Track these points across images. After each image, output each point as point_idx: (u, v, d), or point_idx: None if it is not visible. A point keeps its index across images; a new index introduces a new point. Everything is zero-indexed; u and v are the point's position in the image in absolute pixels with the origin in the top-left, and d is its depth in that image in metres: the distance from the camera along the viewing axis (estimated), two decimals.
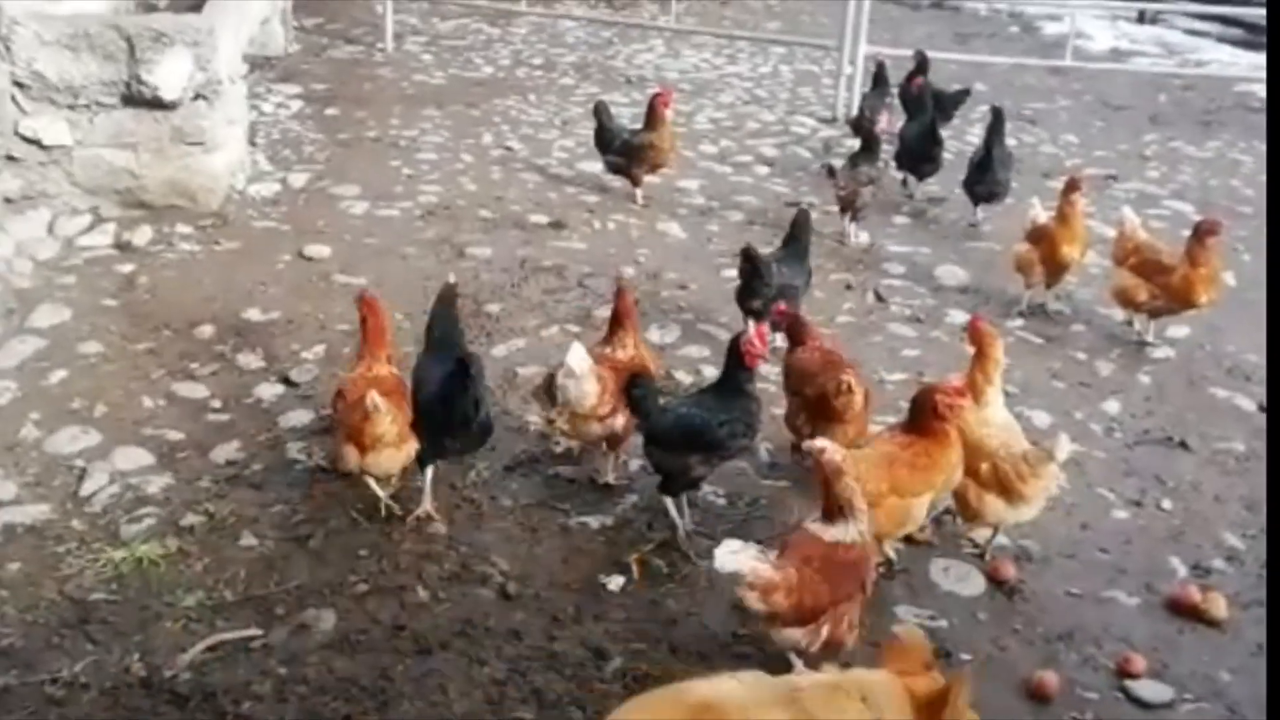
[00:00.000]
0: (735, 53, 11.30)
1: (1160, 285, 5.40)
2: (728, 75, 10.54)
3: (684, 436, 3.92)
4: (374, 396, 3.85)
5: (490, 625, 3.59)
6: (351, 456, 3.98)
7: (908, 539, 4.05)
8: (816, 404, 4.26)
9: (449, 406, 3.94)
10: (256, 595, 3.67)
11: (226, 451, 4.41)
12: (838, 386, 4.15)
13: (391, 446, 3.96)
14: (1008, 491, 3.82)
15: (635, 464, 4.45)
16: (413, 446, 4.02)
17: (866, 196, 6.60)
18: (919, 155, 7.36)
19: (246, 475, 4.28)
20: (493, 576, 3.81)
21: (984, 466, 3.83)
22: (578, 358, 4.13)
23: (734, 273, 5.42)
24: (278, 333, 5.33)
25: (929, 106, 7.57)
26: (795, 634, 3.29)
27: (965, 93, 8.36)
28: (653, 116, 7.09)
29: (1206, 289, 5.32)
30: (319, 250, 6.19)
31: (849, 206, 6.61)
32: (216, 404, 4.74)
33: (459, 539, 3.99)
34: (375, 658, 3.44)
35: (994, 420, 3.97)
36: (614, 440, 4.27)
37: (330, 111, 8.66)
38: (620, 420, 4.19)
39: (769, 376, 4.80)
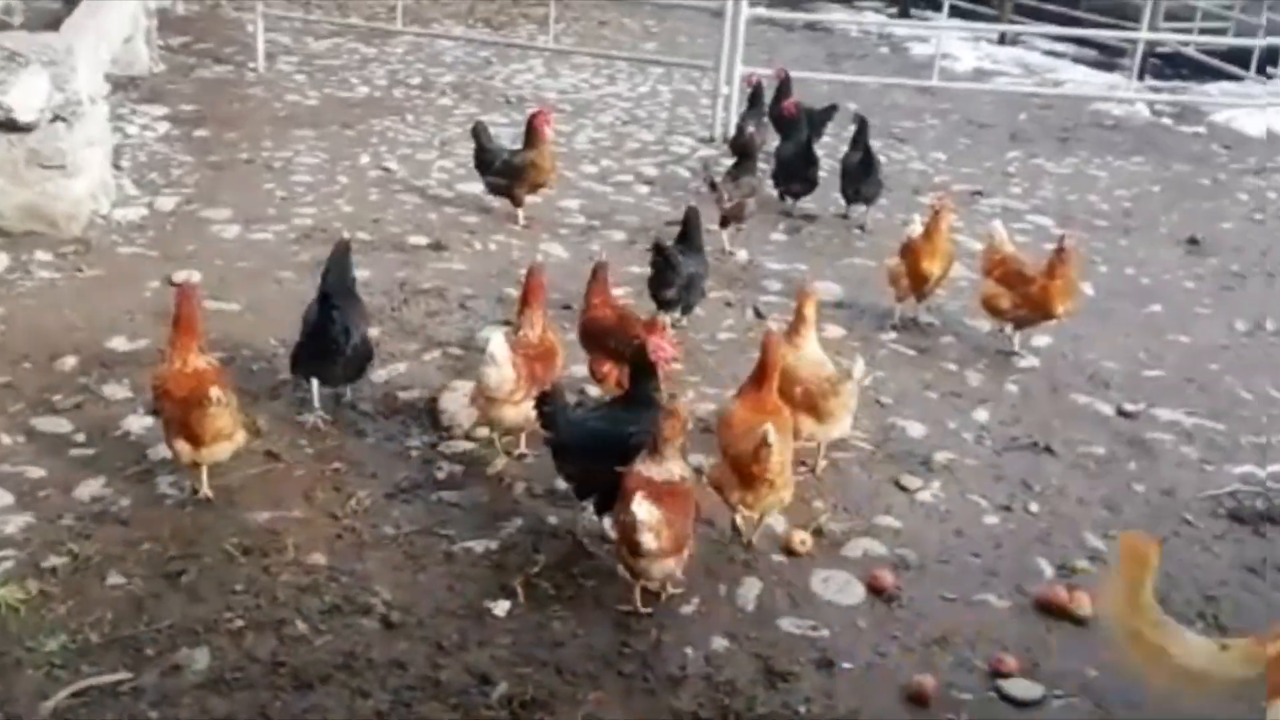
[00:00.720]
0: (614, 73, 11.38)
1: (1022, 295, 5.61)
2: (607, 95, 10.61)
3: (593, 448, 3.99)
4: (215, 391, 3.99)
5: (373, 657, 3.53)
6: (185, 451, 4.09)
7: (789, 552, 4.12)
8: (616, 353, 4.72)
9: (321, 336, 4.60)
10: (125, 636, 3.54)
11: (91, 488, 4.25)
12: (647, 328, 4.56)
13: (226, 439, 4.12)
14: (815, 409, 4.46)
15: (520, 486, 4.43)
16: (242, 435, 4.22)
17: (751, 207, 6.82)
18: (794, 175, 7.51)
19: (113, 512, 4.13)
20: (375, 606, 3.74)
21: (797, 390, 4.46)
22: (498, 345, 4.34)
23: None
24: (146, 362, 5.15)
25: (804, 126, 7.72)
26: (670, 564, 3.66)
27: (833, 108, 8.55)
28: (533, 136, 7.09)
29: (1063, 299, 5.54)
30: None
31: (733, 219, 6.78)
32: (80, 438, 4.57)
33: (339, 569, 3.91)
34: (253, 695, 3.35)
35: (806, 355, 4.66)
36: (525, 425, 4.50)
37: (199, 133, 8.45)
38: (531, 407, 4.33)
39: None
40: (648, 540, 3.54)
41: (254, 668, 3.46)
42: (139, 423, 4.69)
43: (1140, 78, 11.95)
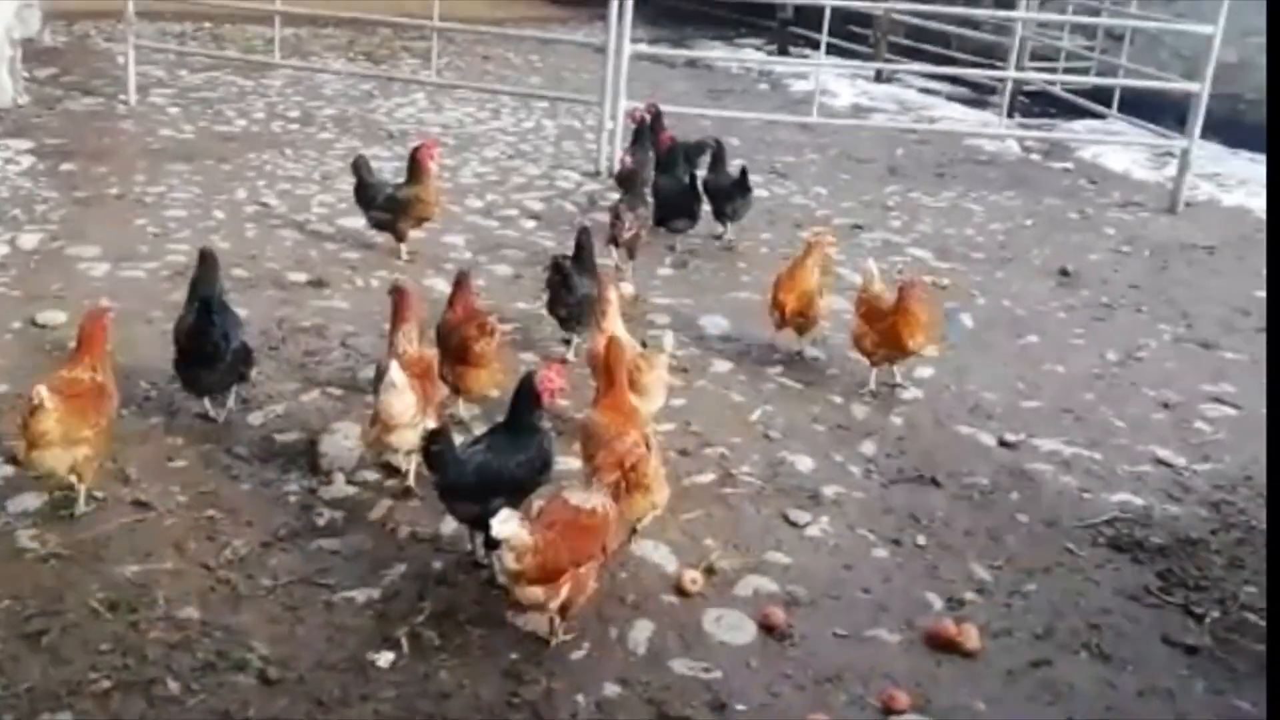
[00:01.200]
0: (499, 107, 11.32)
1: (879, 332, 5.68)
2: (492, 130, 10.54)
3: (483, 484, 3.95)
4: (40, 390, 3.96)
5: (250, 715, 3.37)
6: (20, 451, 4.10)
7: (680, 592, 4.08)
8: (456, 351, 4.94)
9: (199, 341, 4.75)
10: None
11: None
12: (479, 328, 4.89)
13: (57, 446, 4.03)
14: (634, 385, 4.67)
15: (404, 531, 4.31)
16: (82, 450, 4.10)
17: (644, 236, 7.00)
18: (676, 208, 7.53)
19: None
20: (251, 662, 3.58)
21: None
22: (397, 371, 4.37)
23: (504, 325, 5.40)
24: (5, 408, 4.89)
25: (680, 159, 7.76)
26: (537, 591, 3.58)
27: (704, 146, 8.54)
28: (416, 169, 6.99)
29: (911, 334, 5.59)
30: (53, 316, 5.76)
31: (631, 246, 6.92)
32: None
33: (213, 623, 3.74)
34: None
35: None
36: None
37: (66, 167, 8.12)
38: (430, 420, 4.46)
39: None
40: (508, 559, 3.53)
41: None
42: None
43: (1010, 115, 12.36)
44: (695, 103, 11.59)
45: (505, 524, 3.47)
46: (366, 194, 7.07)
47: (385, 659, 3.63)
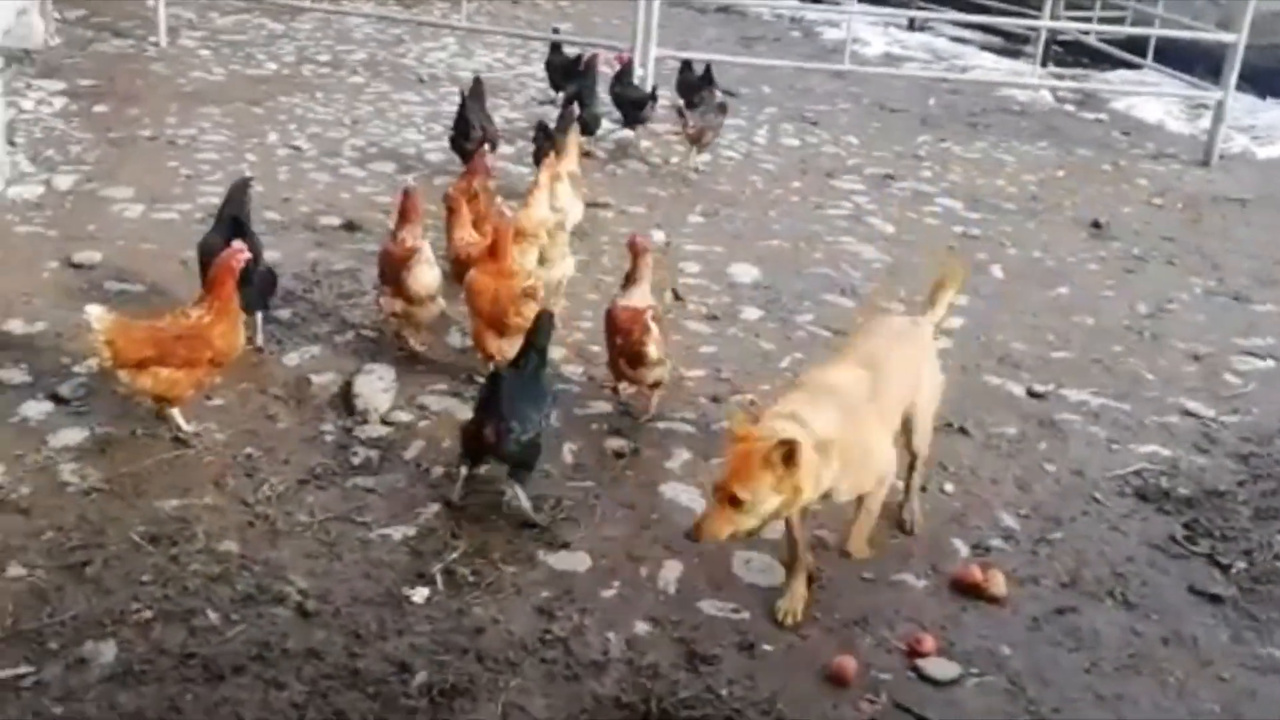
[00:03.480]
0: (529, 53, 11.25)
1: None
2: (522, 75, 10.49)
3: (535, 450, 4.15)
4: (90, 310, 4.21)
5: (288, 646, 3.45)
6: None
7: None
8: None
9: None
10: (27, 630, 3.41)
11: None
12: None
13: (121, 370, 4.23)
14: (542, 255, 5.36)
15: (438, 470, 4.37)
16: (146, 381, 4.26)
17: (711, 135, 8.12)
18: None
19: (13, 500, 3.97)
20: (290, 595, 3.66)
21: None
22: (427, 249, 4.97)
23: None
24: (44, 346, 4.97)
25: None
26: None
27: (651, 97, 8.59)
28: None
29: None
30: (89, 256, 5.82)
31: (697, 141, 7.98)
32: None
33: (252, 558, 3.81)
34: (162, 689, 3.25)
35: (532, 213, 5.62)
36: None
37: (99, 109, 8.16)
38: (442, 302, 5.07)
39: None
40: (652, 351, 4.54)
41: (163, 660, 3.35)
42: (38, 408, 4.52)
43: (1043, 64, 12.19)
44: (727, 50, 11.51)
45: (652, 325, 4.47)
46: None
47: (420, 594, 3.70)
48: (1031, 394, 5.42)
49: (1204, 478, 4.83)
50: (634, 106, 8.49)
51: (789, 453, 3.30)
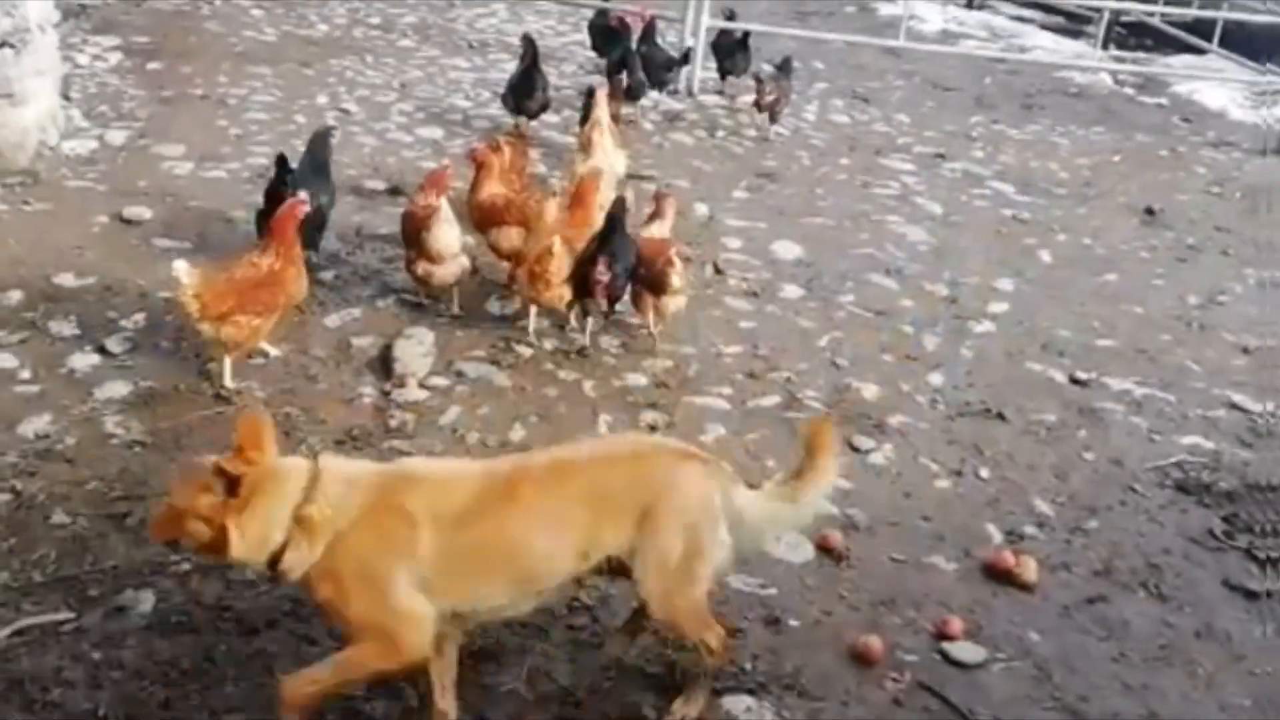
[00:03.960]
0: (579, 20, 11.19)
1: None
2: (570, 44, 10.46)
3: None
4: (178, 266, 4.39)
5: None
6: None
7: None
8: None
9: (272, 199, 5.09)
10: (68, 577, 3.50)
11: (37, 425, 4.17)
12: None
13: (205, 322, 4.39)
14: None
15: (474, 437, 4.40)
16: (230, 330, 4.44)
17: (785, 103, 8.32)
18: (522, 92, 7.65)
19: (59, 450, 4.06)
20: None
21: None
22: (446, 208, 5.13)
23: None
24: (93, 299, 5.06)
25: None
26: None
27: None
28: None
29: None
30: (139, 212, 5.90)
31: (773, 109, 8.12)
32: (25, 374, 4.48)
33: None
34: (197, 639, 3.32)
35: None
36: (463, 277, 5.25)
37: (152, 66, 8.24)
38: (466, 260, 5.21)
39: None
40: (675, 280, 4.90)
41: (199, 611, 3.42)
42: (85, 360, 4.61)
43: (1105, 46, 11.98)
44: (780, 22, 11.37)
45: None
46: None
47: None
48: (1074, 381, 5.36)
49: (1246, 472, 4.76)
50: (661, 69, 8.48)
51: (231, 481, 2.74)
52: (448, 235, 5.11)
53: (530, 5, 11.35)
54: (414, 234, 5.18)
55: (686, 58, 8.62)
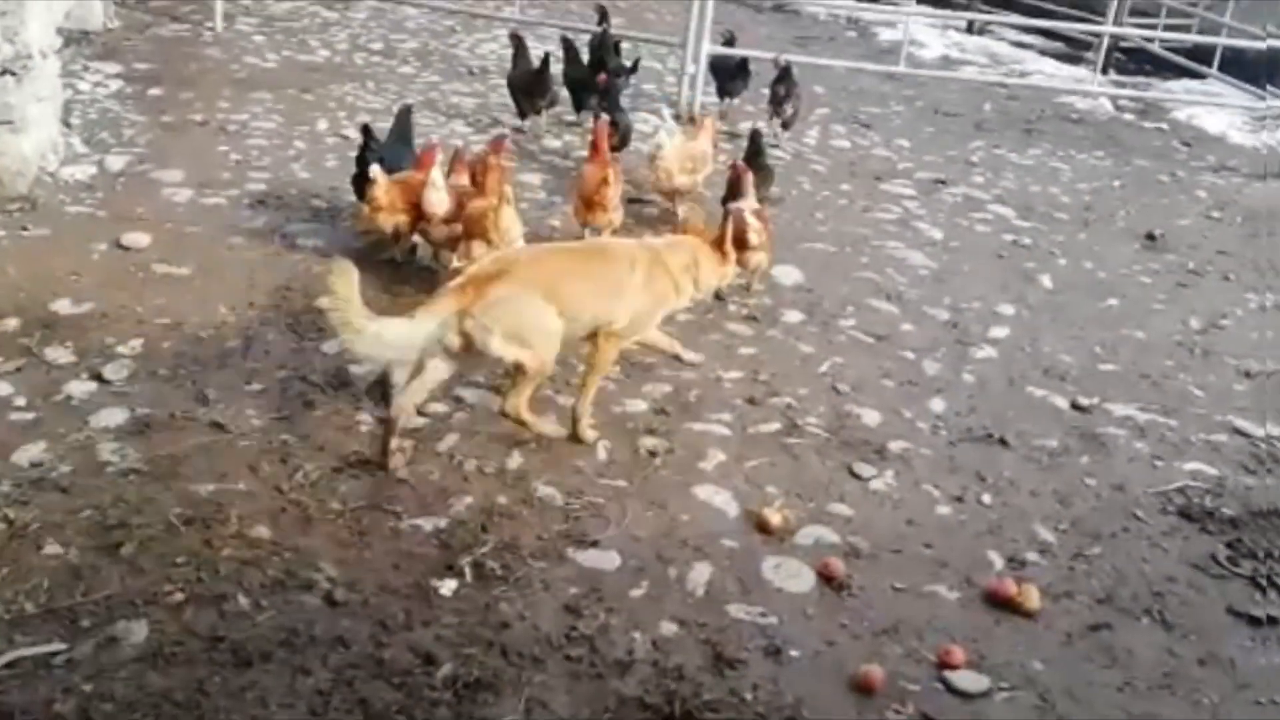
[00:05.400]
0: (580, 46, 11.22)
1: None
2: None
3: None
4: (375, 168, 5.80)
5: (315, 634, 3.47)
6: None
7: (762, 528, 4.15)
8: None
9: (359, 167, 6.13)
10: (61, 607, 3.46)
11: (31, 453, 4.15)
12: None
13: (385, 211, 5.82)
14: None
15: (471, 464, 4.37)
16: (403, 218, 5.84)
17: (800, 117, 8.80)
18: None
19: (53, 478, 4.03)
20: (319, 582, 3.68)
21: None
22: (437, 173, 5.73)
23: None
24: (90, 326, 5.04)
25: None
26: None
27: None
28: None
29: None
30: (137, 239, 5.89)
31: (789, 122, 8.57)
32: (20, 402, 4.45)
33: (284, 544, 3.84)
34: (191, 671, 3.28)
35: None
36: (454, 240, 5.66)
37: (153, 92, 8.26)
38: (459, 227, 5.62)
39: None
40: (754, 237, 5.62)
41: (193, 642, 3.38)
42: (81, 388, 4.58)
43: (1104, 72, 12.00)
44: (780, 48, 11.37)
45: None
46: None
47: (448, 587, 3.71)
48: (1075, 407, 5.33)
49: (1250, 498, 4.72)
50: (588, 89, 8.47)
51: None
52: (436, 198, 5.71)
53: (532, 30, 11.36)
54: (414, 197, 5.82)
55: (635, 67, 8.81)
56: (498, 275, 4.23)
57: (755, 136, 7.13)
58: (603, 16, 9.27)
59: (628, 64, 8.98)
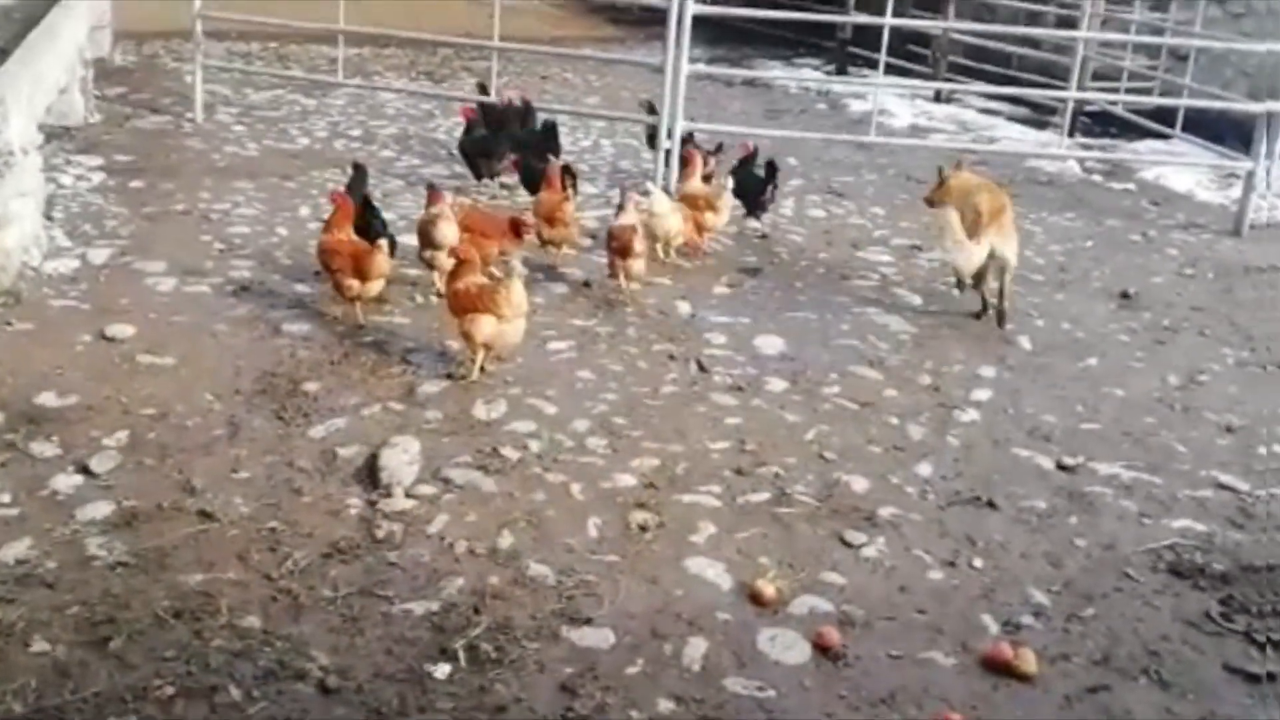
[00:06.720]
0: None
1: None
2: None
3: None
4: (382, 244, 6.29)
5: None
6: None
7: (756, 600, 4.14)
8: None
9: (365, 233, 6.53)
10: (49, 706, 3.40)
11: (16, 550, 4.11)
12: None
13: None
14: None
15: (462, 545, 4.36)
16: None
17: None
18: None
19: (39, 574, 3.99)
20: (311, 671, 3.64)
21: None
22: (446, 208, 6.49)
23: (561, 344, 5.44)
24: (75, 419, 5.03)
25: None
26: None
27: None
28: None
29: None
30: (122, 330, 5.90)
31: (760, 209, 8.51)
32: (5, 498, 4.42)
33: (274, 633, 3.80)
34: None
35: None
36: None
37: (135, 184, 8.32)
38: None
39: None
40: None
41: None
42: (67, 481, 4.56)
43: (1071, 135, 12.23)
44: (753, 122, 11.61)
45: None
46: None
47: (442, 671, 3.68)
48: (1061, 467, 5.36)
49: (1240, 553, 4.74)
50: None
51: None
52: (446, 229, 6.44)
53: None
54: (425, 231, 6.62)
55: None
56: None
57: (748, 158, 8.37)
58: (650, 109, 9.47)
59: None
